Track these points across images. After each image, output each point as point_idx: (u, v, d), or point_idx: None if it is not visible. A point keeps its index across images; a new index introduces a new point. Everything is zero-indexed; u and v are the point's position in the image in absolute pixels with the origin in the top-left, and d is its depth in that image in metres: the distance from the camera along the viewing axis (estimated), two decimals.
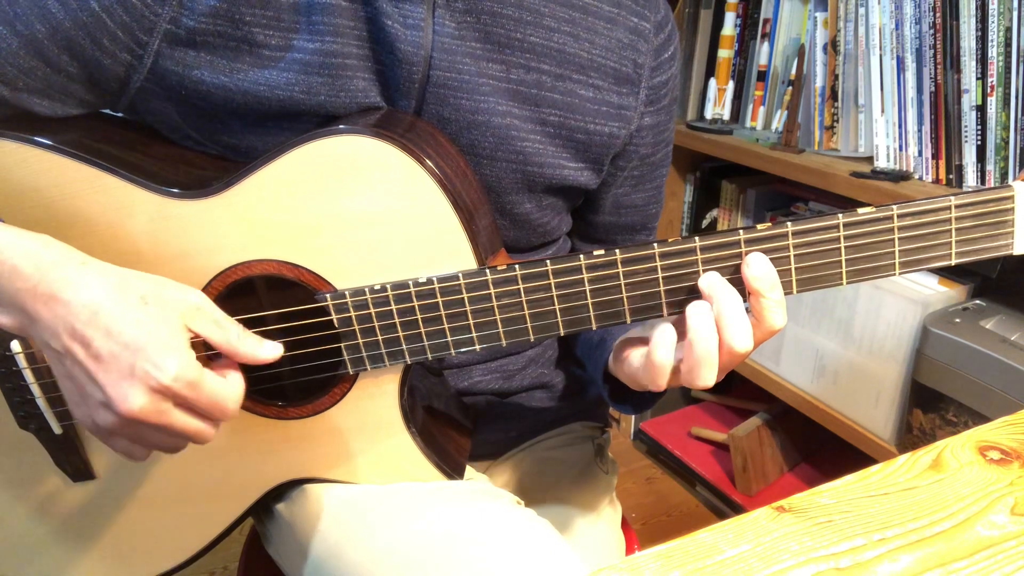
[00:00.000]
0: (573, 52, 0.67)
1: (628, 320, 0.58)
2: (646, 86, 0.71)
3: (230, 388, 0.55)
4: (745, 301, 0.56)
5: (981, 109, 1.13)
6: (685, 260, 0.56)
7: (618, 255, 0.56)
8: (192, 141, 0.66)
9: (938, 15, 1.15)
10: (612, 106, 0.70)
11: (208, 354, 0.58)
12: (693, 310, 0.55)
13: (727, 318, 0.54)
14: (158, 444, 0.55)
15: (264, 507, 0.72)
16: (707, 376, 0.55)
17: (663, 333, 0.56)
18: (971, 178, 1.17)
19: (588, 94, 0.68)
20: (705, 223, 1.76)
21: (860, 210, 0.54)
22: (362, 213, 0.58)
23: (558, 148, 0.69)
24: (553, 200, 0.72)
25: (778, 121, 1.52)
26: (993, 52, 1.10)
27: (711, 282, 0.55)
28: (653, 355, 0.56)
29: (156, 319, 0.52)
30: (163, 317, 0.53)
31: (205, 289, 0.61)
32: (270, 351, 0.58)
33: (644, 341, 0.62)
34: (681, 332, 0.57)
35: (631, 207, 0.79)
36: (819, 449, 1.78)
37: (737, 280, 0.56)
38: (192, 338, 0.54)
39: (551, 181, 0.69)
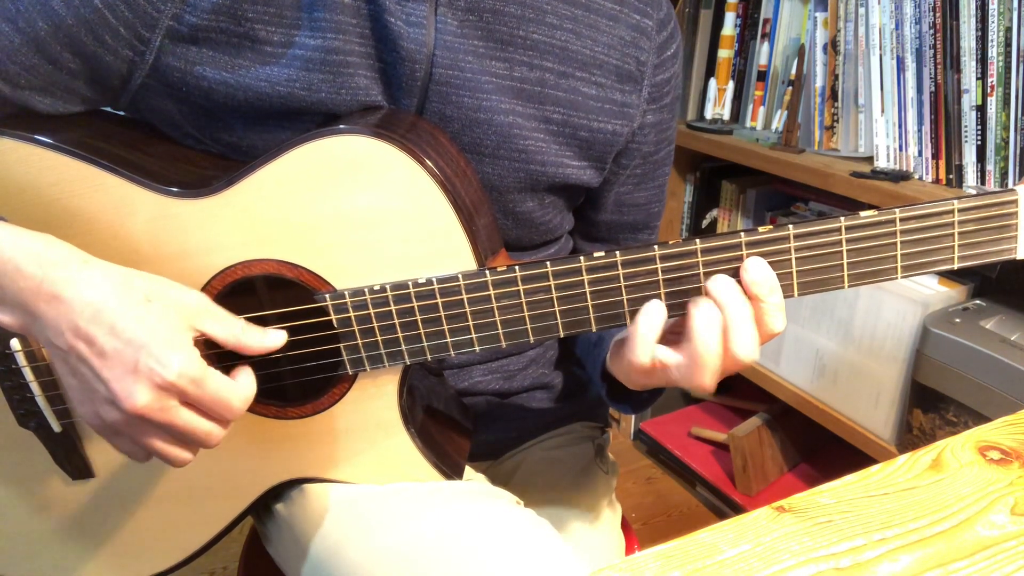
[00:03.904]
0: (576, 49, 0.67)
1: (628, 322, 0.58)
2: (649, 84, 0.71)
3: (236, 386, 0.55)
4: None
5: (981, 109, 1.13)
6: (685, 262, 0.56)
7: (618, 257, 0.56)
8: (193, 140, 0.66)
9: (938, 15, 1.15)
10: (615, 104, 0.70)
11: (217, 355, 0.58)
12: (699, 313, 0.54)
13: (735, 326, 0.54)
14: (164, 448, 0.55)
15: (264, 507, 0.72)
16: (705, 379, 0.54)
17: (652, 306, 0.56)
18: (971, 178, 1.17)
19: (591, 92, 0.68)
20: (705, 223, 1.76)
21: (862, 213, 0.54)
22: (362, 213, 0.58)
23: (561, 146, 0.69)
24: (555, 199, 0.72)
25: (778, 121, 1.52)
26: (993, 52, 1.10)
27: (721, 287, 0.54)
28: (636, 325, 0.55)
29: (159, 317, 0.52)
30: (166, 315, 0.53)
31: (204, 288, 0.61)
32: (275, 339, 0.59)
33: None
34: (679, 329, 0.57)
35: (633, 206, 0.79)
36: (819, 449, 1.78)
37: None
38: (196, 337, 0.55)
39: (554, 180, 0.69)
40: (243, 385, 0.56)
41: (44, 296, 0.51)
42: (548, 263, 0.57)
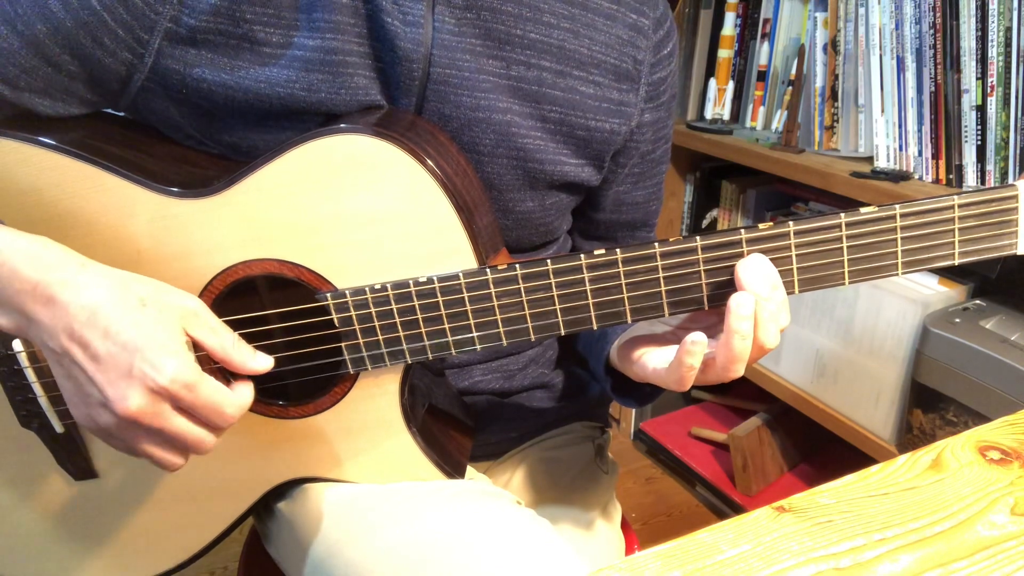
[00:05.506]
0: (573, 48, 0.67)
1: (629, 320, 0.58)
2: (646, 82, 0.71)
3: (231, 394, 0.55)
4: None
5: (981, 109, 1.13)
6: (686, 260, 0.56)
7: (619, 255, 0.56)
8: (193, 140, 0.66)
9: (938, 15, 1.15)
10: (612, 102, 0.70)
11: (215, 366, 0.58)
12: (739, 311, 0.54)
13: (766, 317, 0.54)
14: (155, 452, 0.55)
15: (265, 506, 0.72)
16: (740, 370, 0.56)
17: (697, 341, 0.54)
18: (971, 178, 1.17)
19: (588, 90, 0.68)
20: (705, 223, 1.76)
21: (862, 209, 0.54)
22: (363, 212, 0.58)
23: (559, 145, 0.69)
24: (556, 198, 0.72)
25: (778, 121, 1.52)
26: (993, 52, 1.10)
27: (758, 283, 0.54)
28: (684, 359, 0.55)
29: (155, 321, 0.52)
30: (161, 319, 0.53)
31: (206, 288, 0.61)
32: (260, 363, 0.59)
33: (652, 340, 0.62)
34: (708, 327, 0.57)
35: (632, 204, 0.79)
36: (819, 449, 1.78)
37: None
38: (187, 342, 0.55)
39: (552, 178, 0.69)
40: (239, 394, 0.56)
41: (40, 298, 0.51)
42: (549, 261, 0.57)
